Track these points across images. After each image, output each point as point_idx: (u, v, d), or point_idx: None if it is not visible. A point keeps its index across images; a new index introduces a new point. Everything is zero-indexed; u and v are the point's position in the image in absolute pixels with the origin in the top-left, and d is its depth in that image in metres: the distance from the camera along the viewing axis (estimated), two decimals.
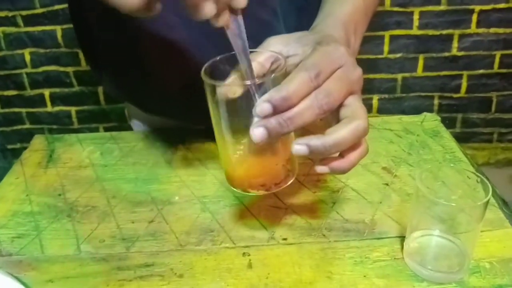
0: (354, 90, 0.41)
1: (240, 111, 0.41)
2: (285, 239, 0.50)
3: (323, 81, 0.38)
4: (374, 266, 0.46)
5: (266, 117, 0.37)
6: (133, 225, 0.53)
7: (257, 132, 0.37)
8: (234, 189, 0.44)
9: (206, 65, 0.41)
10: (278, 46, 0.43)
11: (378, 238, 0.49)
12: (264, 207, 0.54)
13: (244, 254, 0.48)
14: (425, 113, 0.72)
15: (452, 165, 0.58)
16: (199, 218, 0.53)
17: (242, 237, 0.50)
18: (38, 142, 0.70)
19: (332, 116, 0.41)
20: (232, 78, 0.42)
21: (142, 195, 0.57)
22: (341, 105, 0.40)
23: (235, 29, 0.39)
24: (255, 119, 0.39)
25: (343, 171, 0.41)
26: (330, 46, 0.41)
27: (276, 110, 0.37)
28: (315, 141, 0.38)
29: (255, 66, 0.42)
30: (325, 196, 0.56)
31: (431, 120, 0.71)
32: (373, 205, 0.54)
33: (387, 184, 0.57)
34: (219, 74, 0.41)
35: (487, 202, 0.41)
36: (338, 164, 0.40)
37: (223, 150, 0.43)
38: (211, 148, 0.66)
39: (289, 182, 0.44)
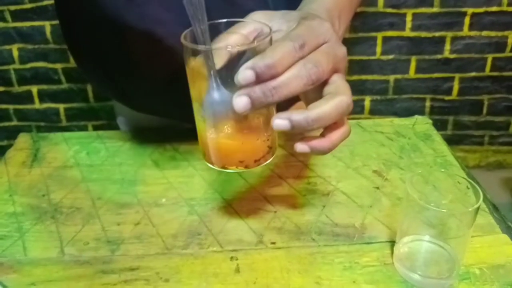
0: (339, 67, 0.40)
1: (220, 82, 0.39)
2: (273, 243, 0.49)
3: (307, 53, 0.37)
4: (363, 272, 0.45)
5: (248, 85, 0.36)
6: (118, 227, 0.51)
7: (240, 101, 0.36)
8: (211, 166, 0.43)
9: (186, 31, 0.39)
10: (262, 21, 0.42)
11: (368, 243, 0.48)
12: (253, 210, 0.53)
13: (231, 258, 0.47)
14: (416, 116, 0.72)
15: (443, 170, 0.58)
16: (187, 221, 0.52)
17: (230, 240, 0.49)
18: (23, 140, 0.68)
19: (314, 95, 0.40)
20: (217, 45, 0.40)
21: (128, 196, 0.56)
22: (325, 83, 0.39)
23: None
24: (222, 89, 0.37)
25: (324, 151, 0.40)
26: (315, 20, 0.40)
27: (260, 78, 0.35)
28: (297, 115, 0.37)
29: (238, 37, 0.40)
30: (315, 199, 0.55)
31: (422, 123, 0.70)
32: (363, 209, 0.53)
33: (377, 188, 0.57)
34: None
35: (478, 207, 0.41)
36: (319, 143, 0.39)
37: (200, 124, 0.42)
38: (199, 148, 0.65)
39: (269, 160, 0.43)
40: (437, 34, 1.56)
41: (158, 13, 0.53)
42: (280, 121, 0.37)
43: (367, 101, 1.68)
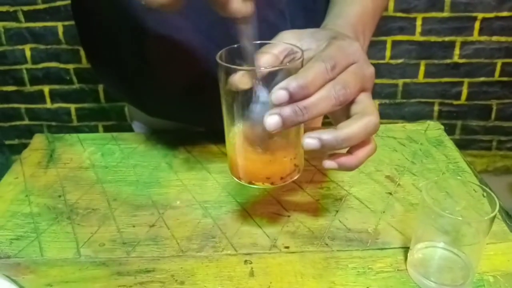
0: (366, 87, 0.41)
1: (252, 100, 0.40)
2: (287, 247, 0.49)
3: (338, 74, 0.38)
4: (377, 277, 0.45)
5: (281, 105, 0.37)
6: (133, 229, 0.52)
7: (271, 120, 0.37)
8: (238, 181, 0.44)
9: (222, 50, 0.41)
10: (291, 40, 0.43)
11: (381, 249, 0.49)
12: (267, 214, 0.54)
13: (246, 261, 0.47)
14: (428, 121, 0.72)
15: (459, 177, 0.58)
16: (201, 223, 0.53)
17: (244, 244, 0.50)
18: (38, 141, 0.69)
19: (342, 112, 0.41)
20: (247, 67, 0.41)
21: (143, 198, 0.57)
22: (352, 102, 0.40)
23: (250, 28, 0.39)
24: (256, 107, 0.38)
25: (351, 168, 0.41)
26: (345, 41, 0.41)
27: (292, 98, 0.36)
28: (327, 135, 0.38)
29: (269, 58, 0.41)
30: (328, 204, 0.55)
31: (434, 128, 0.70)
32: (376, 214, 0.54)
33: (390, 193, 0.57)
34: (234, 63, 0.41)
35: (494, 216, 0.41)
36: (346, 160, 0.40)
37: (230, 140, 0.43)
38: (213, 151, 0.65)
39: (295, 177, 0.44)
40: (446, 38, 1.56)
41: (177, 19, 0.53)
42: (311, 140, 0.38)
43: (376, 105, 1.68)
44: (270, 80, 0.39)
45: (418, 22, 1.54)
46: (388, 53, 1.59)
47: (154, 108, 0.68)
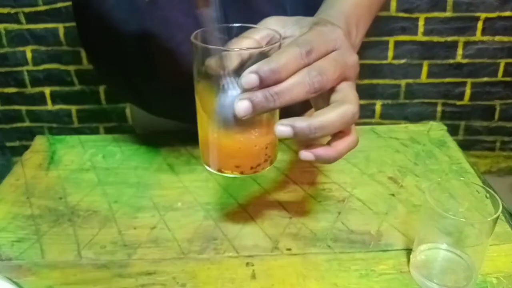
0: (348, 75, 0.39)
1: (224, 85, 0.39)
2: (289, 249, 0.49)
3: (314, 59, 0.37)
4: (379, 279, 0.45)
5: (251, 90, 0.35)
6: (135, 231, 0.52)
7: (241, 105, 0.36)
8: (208, 168, 0.43)
9: (197, 31, 0.39)
10: (275, 27, 0.42)
11: (384, 250, 0.48)
12: (268, 215, 0.54)
13: (247, 264, 0.47)
14: (431, 122, 0.72)
15: (462, 178, 0.58)
16: (202, 225, 0.52)
17: (245, 246, 0.49)
18: (39, 143, 0.69)
19: (323, 102, 0.40)
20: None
21: (144, 200, 0.57)
22: (332, 90, 0.39)
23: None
24: (227, 93, 0.37)
25: (329, 160, 0.39)
26: (326, 27, 0.40)
27: (263, 83, 0.35)
28: (301, 122, 0.36)
29: (250, 43, 0.40)
30: (330, 205, 0.55)
31: (437, 129, 0.70)
32: (379, 216, 0.53)
33: (393, 195, 0.56)
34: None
35: (497, 217, 0.41)
36: (324, 151, 0.38)
37: (201, 125, 0.42)
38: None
39: (266, 169, 0.42)
40: (449, 38, 1.56)
41: (179, 17, 0.53)
42: (283, 128, 0.36)
43: (378, 106, 1.68)
44: (243, 65, 0.38)
45: (421, 22, 1.54)
46: (390, 53, 1.59)
47: (157, 107, 0.68)
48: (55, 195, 0.58)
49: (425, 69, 1.61)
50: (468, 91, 1.65)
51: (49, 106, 1.69)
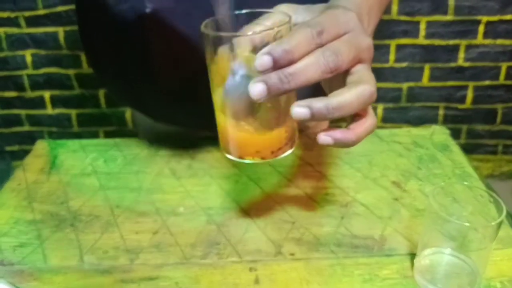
0: (363, 58, 0.39)
1: (239, 71, 0.39)
2: (292, 254, 0.49)
3: (327, 40, 0.36)
4: (383, 284, 0.45)
5: (266, 72, 0.35)
6: (137, 236, 0.52)
7: (256, 88, 0.35)
8: (229, 156, 0.42)
9: (207, 20, 0.39)
10: (286, 12, 0.42)
11: (388, 255, 0.48)
12: (271, 220, 0.53)
13: (251, 269, 0.47)
14: (434, 126, 0.71)
15: (465, 183, 0.57)
16: (205, 230, 0.52)
17: (248, 251, 0.49)
18: (40, 147, 0.69)
19: (337, 84, 0.39)
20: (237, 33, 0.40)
21: (146, 205, 0.56)
22: (347, 73, 0.38)
23: None
24: (242, 78, 0.37)
25: (348, 144, 0.38)
26: (338, 9, 0.39)
27: (277, 64, 0.35)
28: (317, 102, 0.35)
29: (263, 29, 0.40)
30: (333, 210, 0.55)
31: (440, 133, 0.70)
32: (382, 220, 0.53)
33: (396, 199, 0.56)
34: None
35: (501, 222, 0.40)
36: (343, 134, 0.37)
37: (219, 113, 0.42)
38: (216, 156, 0.65)
39: (287, 152, 0.42)
40: (451, 42, 1.55)
41: (181, 25, 0.53)
42: (300, 109, 0.36)
43: (380, 109, 1.67)
44: (255, 50, 0.38)
45: (422, 26, 1.53)
46: (392, 56, 1.59)
47: (158, 112, 0.68)
48: (57, 200, 0.58)
49: (426, 73, 1.61)
50: (470, 95, 1.65)
51: (49, 110, 1.69)
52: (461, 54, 1.57)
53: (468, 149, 1.73)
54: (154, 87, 0.61)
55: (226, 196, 0.57)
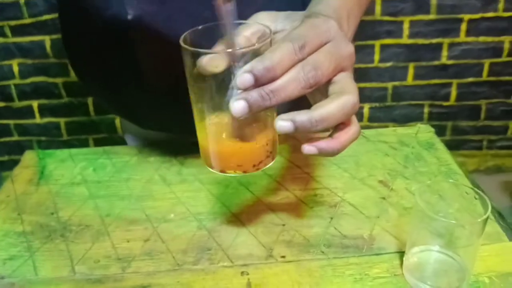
0: (344, 66, 0.39)
1: (222, 85, 0.39)
2: (283, 256, 0.49)
3: (308, 53, 0.36)
4: (374, 283, 0.45)
5: (247, 89, 0.35)
6: (128, 244, 0.52)
7: (237, 105, 0.35)
8: (211, 170, 0.43)
9: (186, 33, 0.39)
10: (265, 21, 0.42)
11: (377, 254, 0.49)
12: (261, 223, 0.54)
13: (242, 273, 0.47)
14: (419, 124, 0.72)
15: (451, 180, 0.58)
16: (196, 236, 0.52)
17: (240, 255, 0.49)
18: (28, 158, 0.68)
19: (320, 94, 0.39)
20: (216, 49, 0.40)
21: (136, 212, 0.56)
22: (330, 82, 0.38)
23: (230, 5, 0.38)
24: (235, 92, 0.37)
25: (333, 153, 0.38)
26: (318, 18, 0.39)
27: (258, 82, 0.35)
28: (301, 116, 0.36)
29: (241, 40, 0.40)
30: (322, 211, 0.55)
31: (425, 131, 0.71)
32: (370, 220, 0.54)
33: (384, 198, 0.57)
34: (200, 45, 0.39)
35: (487, 218, 0.41)
36: (327, 144, 0.38)
37: (200, 127, 0.42)
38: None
39: (268, 165, 0.42)
40: (434, 40, 1.58)
41: (165, 31, 0.53)
42: (283, 123, 0.36)
43: (366, 109, 1.69)
44: (237, 60, 0.38)
45: (406, 25, 1.55)
46: (376, 56, 1.61)
47: (145, 119, 0.68)
48: (46, 211, 0.57)
49: (411, 72, 1.63)
50: (454, 92, 1.67)
51: (38, 119, 1.68)
52: (445, 52, 1.60)
53: (453, 145, 1.76)
54: (140, 93, 0.61)
55: (216, 201, 0.58)
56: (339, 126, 0.38)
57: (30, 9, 1.50)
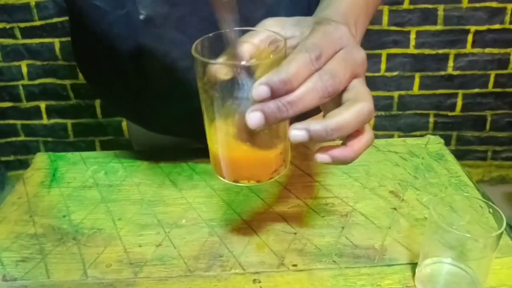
0: (358, 73, 0.38)
1: (233, 94, 0.38)
2: (295, 265, 0.49)
3: (324, 63, 0.36)
4: None
5: (263, 101, 0.34)
6: (140, 249, 0.52)
7: (253, 116, 0.35)
8: (223, 180, 0.42)
9: (197, 41, 0.39)
10: (274, 28, 0.41)
11: (389, 265, 0.49)
12: (273, 231, 0.54)
13: (254, 280, 0.47)
14: (429, 135, 0.73)
15: (466, 194, 0.58)
16: (208, 242, 0.53)
17: (251, 263, 0.50)
18: (40, 160, 0.69)
19: (332, 102, 0.38)
20: (226, 57, 0.39)
21: (148, 217, 0.57)
22: (343, 89, 0.37)
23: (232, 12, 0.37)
24: (237, 102, 0.36)
25: (346, 161, 0.37)
26: (331, 25, 0.38)
27: (274, 94, 0.34)
28: (316, 125, 0.35)
29: (249, 47, 0.39)
30: (334, 220, 0.55)
31: (435, 142, 0.71)
32: (382, 230, 0.54)
33: (395, 209, 0.57)
34: (212, 53, 0.39)
35: (501, 233, 0.41)
36: (341, 152, 0.37)
37: (211, 137, 0.41)
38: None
39: (282, 173, 0.42)
40: (440, 51, 1.58)
41: (174, 34, 0.53)
42: (297, 132, 0.35)
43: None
44: (252, 71, 0.37)
45: (412, 36, 1.56)
46: (383, 66, 1.61)
47: (152, 122, 0.68)
48: (58, 213, 0.58)
49: (417, 81, 1.64)
50: (459, 102, 1.68)
51: (45, 120, 1.69)
52: (451, 63, 1.60)
53: (458, 155, 1.75)
54: (149, 96, 0.61)
55: (228, 207, 0.58)
56: (353, 133, 0.37)
57: (40, 12, 1.51)
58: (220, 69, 0.37)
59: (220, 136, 0.40)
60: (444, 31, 1.55)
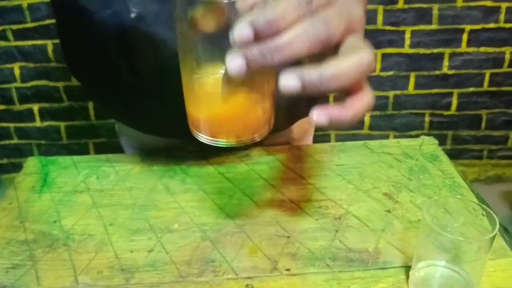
0: (355, 28, 0.34)
1: (216, 40, 0.34)
2: (288, 269, 0.49)
3: (315, 9, 0.32)
4: None
5: (246, 44, 0.31)
6: (132, 254, 0.51)
7: (234, 62, 0.31)
8: (200, 136, 0.38)
9: None
10: None
11: (383, 268, 0.49)
12: (266, 235, 0.53)
13: (247, 286, 0.47)
14: (423, 136, 0.72)
15: (459, 196, 0.58)
16: (200, 247, 0.52)
17: (244, 267, 0.49)
18: (31, 164, 0.68)
19: (328, 59, 0.34)
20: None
21: (140, 222, 0.56)
22: (339, 45, 0.34)
23: None
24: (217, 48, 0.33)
25: (345, 121, 0.33)
26: None
27: (258, 36, 0.30)
28: (310, 72, 0.31)
29: None
30: (327, 223, 0.55)
31: (429, 143, 0.71)
32: (376, 233, 0.53)
33: (389, 211, 0.57)
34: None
35: (495, 235, 0.41)
36: (339, 111, 0.33)
37: (188, 86, 0.38)
38: (209, 171, 0.65)
39: (264, 135, 0.39)
40: (435, 50, 1.58)
41: (165, 32, 0.53)
42: (289, 81, 0.31)
43: (367, 117, 1.69)
44: (239, 13, 0.33)
45: (407, 35, 1.56)
46: (378, 65, 1.61)
47: (144, 123, 0.67)
48: (49, 219, 0.57)
49: (412, 81, 1.64)
50: (455, 102, 1.68)
51: (38, 123, 1.68)
52: (446, 62, 1.60)
53: (454, 155, 1.76)
54: (141, 94, 0.61)
55: (221, 212, 0.57)
56: (352, 91, 0.34)
57: (32, 14, 1.50)
58: (204, 8, 0.34)
59: (198, 87, 0.37)
60: (439, 30, 1.55)
